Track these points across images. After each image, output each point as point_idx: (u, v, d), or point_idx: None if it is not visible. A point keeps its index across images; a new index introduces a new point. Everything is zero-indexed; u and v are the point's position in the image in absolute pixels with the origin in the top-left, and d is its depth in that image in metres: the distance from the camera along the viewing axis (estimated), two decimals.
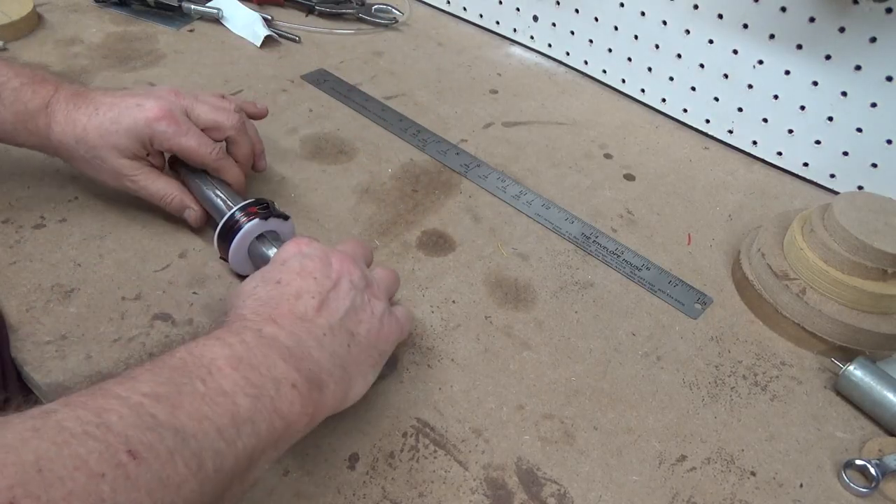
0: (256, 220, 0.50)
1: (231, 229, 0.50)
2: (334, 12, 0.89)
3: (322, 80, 0.77)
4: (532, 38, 0.87)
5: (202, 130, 0.53)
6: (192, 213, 0.54)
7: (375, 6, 0.90)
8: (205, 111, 0.53)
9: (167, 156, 0.55)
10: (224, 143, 0.54)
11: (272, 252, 0.49)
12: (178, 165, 0.56)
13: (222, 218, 0.50)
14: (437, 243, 0.59)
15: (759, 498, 0.44)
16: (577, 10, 0.80)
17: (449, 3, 0.93)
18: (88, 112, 0.50)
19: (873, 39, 0.60)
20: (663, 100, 0.78)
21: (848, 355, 0.51)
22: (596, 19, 0.79)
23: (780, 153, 0.72)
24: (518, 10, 0.86)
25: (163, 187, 0.53)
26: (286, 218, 0.52)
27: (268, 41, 0.81)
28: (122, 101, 0.51)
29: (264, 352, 0.35)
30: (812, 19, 0.63)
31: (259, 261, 0.50)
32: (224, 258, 0.52)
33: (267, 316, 0.38)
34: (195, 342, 0.35)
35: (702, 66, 0.73)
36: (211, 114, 0.53)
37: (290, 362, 0.35)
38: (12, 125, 0.50)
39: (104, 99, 0.51)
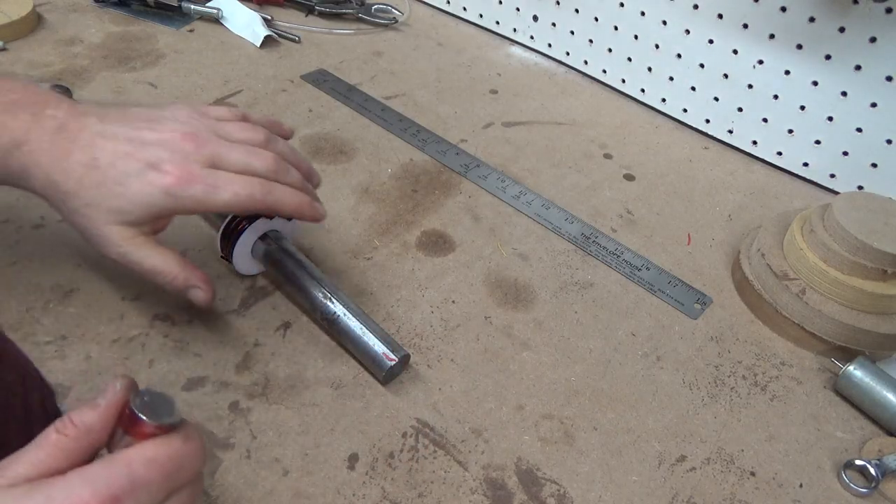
0: (261, 218, 0.49)
1: (235, 229, 0.49)
2: (334, 12, 0.89)
3: (322, 80, 0.77)
4: (532, 38, 0.87)
5: None
6: (201, 293, 0.44)
7: (375, 6, 0.90)
8: (237, 158, 0.43)
9: None
10: (273, 183, 0.44)
11: None
12: None
13: (225, 218, 0.49)
14: (437, 243, 0.59)
15: (758, 498, 0.44)
16: (577, 10, 0.80)
17: (449, 3, 0.92)
18: (85, 161, 0.40)
19: (873, 39, 0.60)
20: (663, 100, 0.78)
21: (848, 355, 0.51)
22: (596, 19, 0.79)
23: (780, 153, 0.72)
24: (518, 10, 0.86)
25: (159, 263, 0.42)
26: (290, 218, 0.51)
27: (268, 41, 0.81)
28: (126, 157, 0.40)
29: None
30: (812, 19, 0.63)
31: (264, 260, 0.50)
32: (226, 258, 0.50)
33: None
34: None
35: (702, 66, 0.73)
36: (244, 158, 0.43)
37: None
38: None
39: (103, 144, 0.41)
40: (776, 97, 0.69)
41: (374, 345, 0.46)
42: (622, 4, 0.75)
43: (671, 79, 0.76)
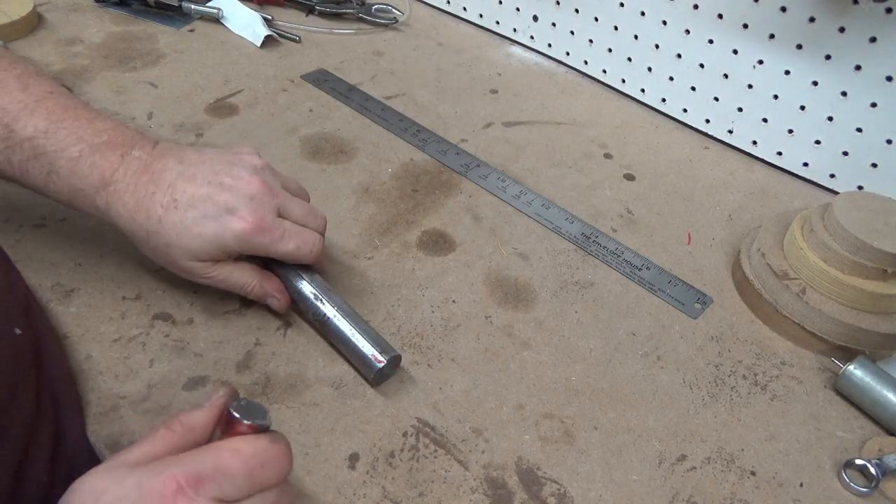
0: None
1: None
2: (334, 12, 0.89)
3: (322, 79, 0.77)
4: (532, 38, 0.87)
5: None
6: (276, 301, 0.49)
7: (375, 6, 0.90)
8: (299, 213, 0.48)
9: None
10: (322, 238, 0.49)
11: None
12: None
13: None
14: (437, 243, 0.59)
15: (759, 498, 0.44)
16: (577, 10, 0.80)
17: (449, 3, 0.93)
18: (165, 203, 0.43)
19: (873, 39, 0.60)
20: (663, 100, 0.78)
21: (848, 355, 0.51)
22: (596, 19, 0.79)
23: (780, 153, 0.72)
24: (518, 10, 0.86)
25: (240, 278, 0.47)
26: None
27: (268, 41, 0.81)
28: (205, 201, 0.44)
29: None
30: (812, 19, 0.63)
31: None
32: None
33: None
34: None
35: (702, 66, 0.73)
36: (303, 213, 0.48)
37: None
38: (69, 198, 0.44)
39: (183, 186, 0.44)
40: (776, 97, 0.69)
41: (364, 346, 0.46)
42: (622, 4, 0.75)
43: (671, 79, 0.76)
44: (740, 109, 0.73)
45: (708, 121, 0.76)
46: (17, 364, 0.41)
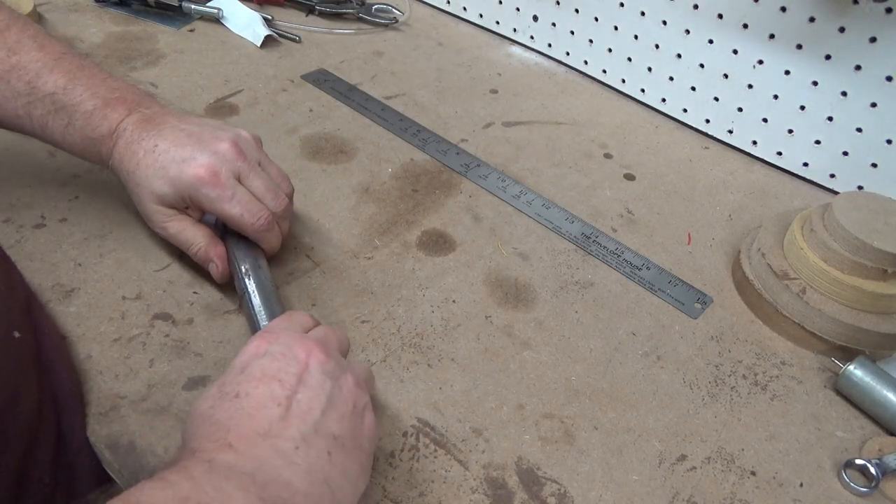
0: None
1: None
2: (334, 12, 0.89)
3: (322, 79, 0.77)
4: (532, 38, 0.87)
5: None
6: (214, 267, 0.50)
7: (375, 6, 0.90)
8: (258, 185, 0.49)
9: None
10: (271, 217, 0.50)
11: None
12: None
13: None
14: (437, 243, 0.59)
15: (759, 498, 0.44)
16: (577, 10, 0.80)
17: (449, 3, 0.93)
18: (147, 147, 0.47)
19: (873, 39, 0.60)
20: (663, 100, 0.78)
21: (848, 355, 0.51)
22: (596, 19, 0.79)
23: (780, 153, 0.72)
24: (518, 10, 0.86)
25: (190, 236, 0.49)
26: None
27: (268, 41, 0.81)
28: (181, 147, 0.47)
29: (216, 485, 0.29)
30: (812, 19, 0.63)
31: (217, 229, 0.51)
32: None
33: (222, 441, 0.32)
34: (132, 489, 0.28)
35: (702, 66, 0.73)
36: (263, 188, 0.49)
37: (252, 491, 0.30)
38: (81, 148, 0.49)
39: (168, 135, 0.48)
40: (776, 97, 0.69)
41: (263, 324, 0.46)
42: (622, 4, 0.75)
43: (671, 79, 0.76)
44: (740, 109, 0.73)
45: (708, 121, 0.76)
46: (18, 368, 0.41)
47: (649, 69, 0.77)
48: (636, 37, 0.76)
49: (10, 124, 0.49)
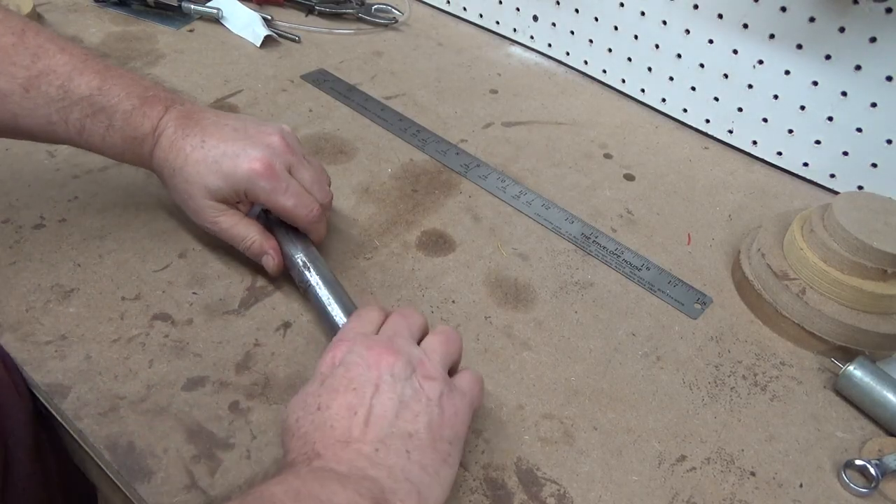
0: None
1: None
2: (334, 12, 0.89)
3: (322, 79, 0.77)
4: (532, 38, 0.87)
5: None
6: (270, 260, 0.50)
7: (375, 6, 0.90)
8: (309, 177, 0.50)
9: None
10: (321, 209, 0.51)
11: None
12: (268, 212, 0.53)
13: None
14: (437, 243, 0.59)
15: (758, 498, 0.44)
16: (577, 10, 0.80)
17: (449, 3, 0.92)
18: (194, 143, 0.48)
19: (873, 39, 0.60)
20: (663, 100, 0.78)
21: (848, 355, 0.51)
22: (596, 19, 0.79)
23: (780, 153, 0.72)
24: (518, 10, 0.86)
25: (243, 231, 0.50)
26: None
27: (268, 41, 0.81)
28: (230, 142, 0.48)
29: (320, 481, 0.33)
30: (812, 19, 0.63)
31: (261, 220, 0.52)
32: None
33: (311, 452, 0.35)
34: (249, 492, 0.32)
35: (702, 66, 0.73)
36: (311, 180, 0.50)
37: (349, 486, 0.33)
38: (122, 149, 0.49)
39: (214, 131, 0.48)
40: (776, 97, 0.69)
41: (337, 316, 0.47)
42: (622, 4, 0.75)
43: (671, 79, 0.76)
44: (740, 109, 0.72)
45: (708, 121, 0.76)
46: None
47: (649, 69, 0.77)
48: (636, 37, 0.76)
49: (40, 132, 0.48)
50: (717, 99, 0.74)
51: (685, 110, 0.77)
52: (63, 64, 0.47)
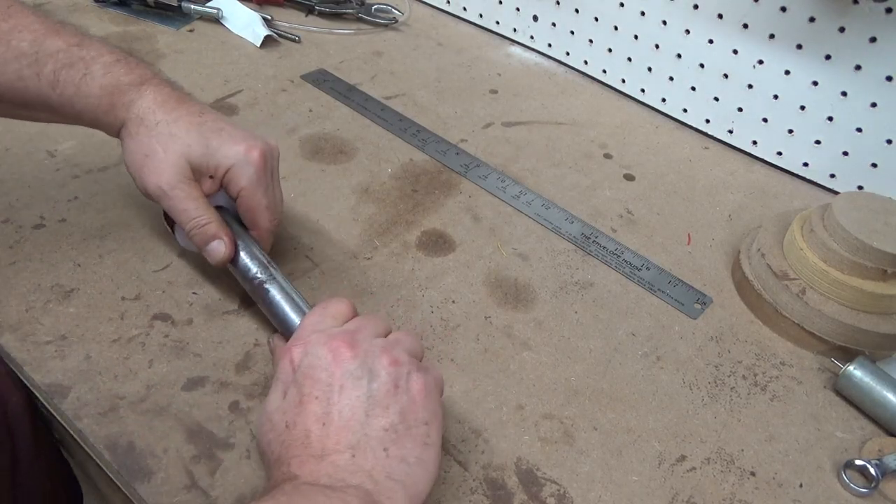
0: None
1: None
2: (334, 12, 0.89)
3: (322, 79, 0.77)
4: (532, 38, 0.87)
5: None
6: (222, 247, 0.47)
7: (375, 6, 0.90)
8: (278, 192, 0.50)
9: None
10: (280, 218, 0.51)
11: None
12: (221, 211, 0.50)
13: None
14: (437, 243, 0.59)
15: (758, 498, 0.44)
16: (577, 10, 0.80)
17: (449, 3, 0.92)
18: (192, 111, 0.47)
19: (873, 39, 0.60)
20: (663, 100, 0.78)
21: (848, 355, 0.51)
22: (596, 19, 0.79)
23: (780, 153, 0.72)
24: (518, 10, 0.86)
25: (202, 207, 0.46)
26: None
27: (268, 41, 0.81)
28: (230, 126, 0.47)
29: (305, 496, 0.32)
30: (812, 19, 0.63)
31: None
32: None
33: (288, 473, 0.34)
34: None
35: (702, 66, 0.73)
36: (279, 195, 0.50)
37: (335, 497, 0.32)
38: (97, 99, 0.45)
39: (211, 112, 0.48)
40: (776, 97, 0.69)
41: (290, 317, 0.45)
42: (622, 4, 0.75)
43: (671, 79, 0.76)
44: (740, 109, 0.72)
45: (708, 121, 0.76)
46: None
47: (649, 69, 0.77)
48: (636, 37, 0.76)
49: (9, 89, 0.45)
50: (717, 99, 0.74)
51: (685, 110, 0.77)
52: (36, 24, 0.46)
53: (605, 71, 0.82)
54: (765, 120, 0.71)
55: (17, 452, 0.46)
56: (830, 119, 0.66)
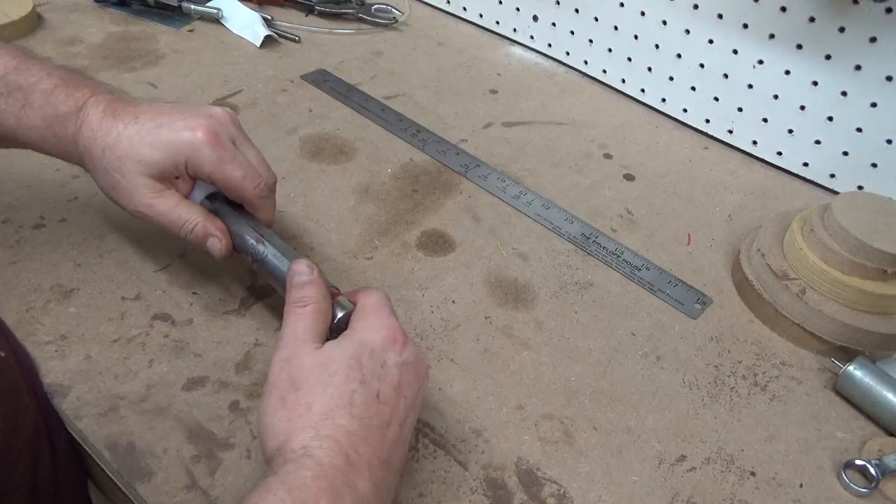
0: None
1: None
2: (334, 12, 0.89)
3: (322, 80, 0.77)
4: (532, 37, 0.87)
5: None
6: (217, 242, 0.46)
7: (375, 6, 0.90)
8: (252, 154, 0.47)
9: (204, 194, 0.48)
10: (269, 180, 0.47)
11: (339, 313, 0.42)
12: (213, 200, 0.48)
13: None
14: (437, 243, 0.59)
15: (758, 498, 0.44)
16: (577, 10, 0.80)
17: (449, 3, 0.92)
18: (126, 121, 0.44)
19: (873, 39, 0.60)
20: (663, 100, 0.78)
21: (848, 355, 0.51)
22: (596, 19, 0.79)
23: (780, 153, 0.72)
24: (518, 9, 0.86)
25: (184, 213, 0.45)
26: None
27: (268, 41, 0.81)
28: (167, 115, 0.45)
29: (296, 465, 0.33)
30: (812, 19, 0.63)
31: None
32: None
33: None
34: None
35: (702, 66, 0.73)
36: (256, 158, 0.47)
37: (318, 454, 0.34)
38: (40, 131, 0.44)
39: (147, 109, 0.45)
40: (776, 97, 0.69)
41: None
42: (622, 4, 0.75)
43: (671, 79, 0.76)
44: (740, 109, 0.72)
45: (708, 121, 0.76)
46: (11, 387, 0.41)
47: (649, 69, 0.77)
48: (636, 37, 0.76)
49: None
50: (717, 99, 0.74)
51: (685, 110, 0.77)
52: None
53: (605, 71, 0.82)
54: (765, 120, 0.71)
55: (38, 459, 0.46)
56: (830, 119, 0.66)
